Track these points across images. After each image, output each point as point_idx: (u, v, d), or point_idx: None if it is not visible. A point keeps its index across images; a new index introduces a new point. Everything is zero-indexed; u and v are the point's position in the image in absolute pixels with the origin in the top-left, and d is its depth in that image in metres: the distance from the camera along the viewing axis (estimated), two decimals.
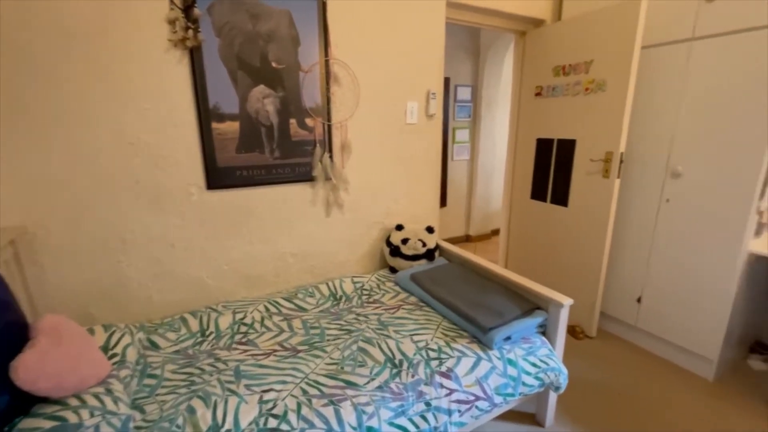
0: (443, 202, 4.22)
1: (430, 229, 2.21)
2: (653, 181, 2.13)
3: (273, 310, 1.78)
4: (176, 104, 1.58)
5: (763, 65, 1.66)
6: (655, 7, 1.99)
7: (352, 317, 1.75)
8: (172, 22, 1.48)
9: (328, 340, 1.57)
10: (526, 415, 1.80)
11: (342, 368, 1.38)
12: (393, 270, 2.19)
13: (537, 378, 1.48)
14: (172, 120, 1.58)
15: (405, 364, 1.39)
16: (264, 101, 1.74)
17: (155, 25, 1.47)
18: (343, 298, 1.95)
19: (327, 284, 1.99)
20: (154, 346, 1.51)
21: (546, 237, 2.66)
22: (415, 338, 1.54)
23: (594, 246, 2.31)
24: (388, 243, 2.18)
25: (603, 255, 2.27)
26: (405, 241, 2.13)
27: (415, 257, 2.13)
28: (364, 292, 1.99)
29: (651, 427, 1.73)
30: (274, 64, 1.72)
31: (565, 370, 1.55)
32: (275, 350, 1.50)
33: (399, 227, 2.19)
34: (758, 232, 1.87)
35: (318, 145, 1.91)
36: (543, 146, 2.61)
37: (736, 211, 1.81)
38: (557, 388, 1.56)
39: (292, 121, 1.83)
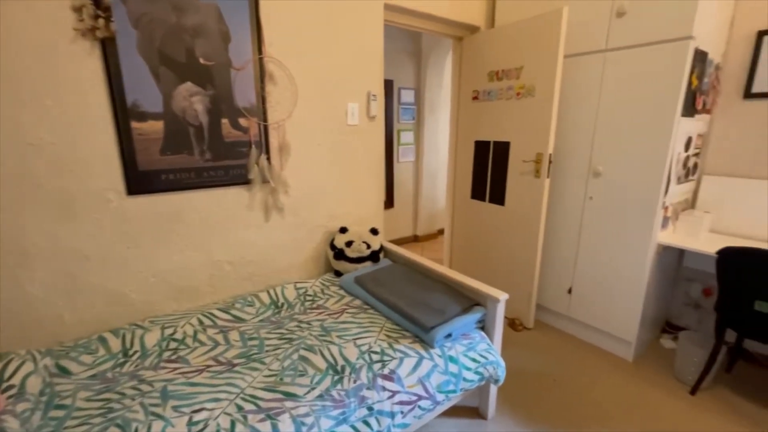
0: (390, 203, 4.26)
1: (374, 231, 2.21)
2: (578, 180, 2.30)
3: (207, 322, 1.67)
4: (86, 101, 1.42)
5: (666, 75, 1.86)
6: (575, 20, 2.16)
7: (294, 325, 1.69)
8: (78, 9, 1.33)
9: (267, 351, 1.50)
10: (470, 409, 1.85)
11: (281, 379, 1.32)
12: (338, 273, 2.15)
13: (477, 373, 1.52)
14: (82, 118, 1.42)
15: (347, 370, 1.36)
16: (192, 99, 1.62)
17: (57, 11, 1.31)
18: (285, 306, 1.88)
19: (268, 292, 1.91)
20: (65, 372, 1.34)
21: (486, 235, 2.78)
22: (359, 342, 1.52)
23: (529, 242, 2.45)
24: (332, 246, 2.14)
25: (537, 250, 2.41)
26: (349, 243, 2.10)
27: (359, 260, 2.11)
28: (308, 298, 1.93)
29: (580, 407, 1.87)
30: (202, 61, 1.62)
31: (502, 363, 1.61)
32: (209, 366, 1.41)
33: (343, 230, 2.16)
34: (664, 225, 2.10)
35: (254, 146, 1.82)
36: (481, 148, 2.72)
37: (646, 206, 2.01)
38: (496, 381, 1.62)
39: (224, 120, 1.73)
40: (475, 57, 2.65)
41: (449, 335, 1.53)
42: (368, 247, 2.12)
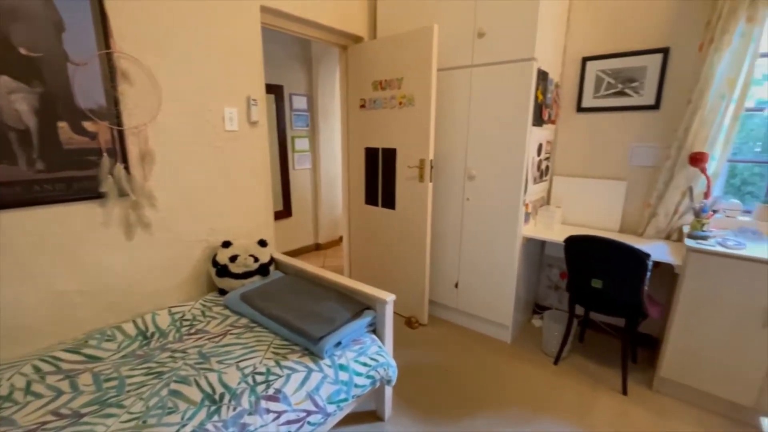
0: (288, 212, 4.11)
1: (262, 243, 2.09)
2: (457, 183, 2.51)
3: (48, 368, 1.37)
4: None
5: (518, 90, 2.14)
6: (445, 36, 2.36)
7: (167, 356, 1.49)
8: None
9: (128, 392, 1.29)
10: (367, 413, 1.86)
11: (144, 422, 1.14)
12: (222, 292, 1.98)
13: (368, 377, 1.53)
14: None
15: (227, 398, 1.24)
16: (10, 98, 1.33)
17: None
18: (157, 335, 1.65)
19: (134, 321, 1.66)
20: None
21: (382, 239, 2.85)
22: (242, 364, 1.41)
23: (419, 243, 2.58)
24: (214, 263, 1.96)
25: (425, 250, 2.56)
26: (234, 258, 1.95)
27: (246, 275, 1.97)
28: (185, 323, 1.73)
29: (468, 391, 2.02)
30: (23, 51, 1.33)
31: (393, 363, 1.66)
32: (45, 423, 1.15)
33: (226, 244, 2.00)
34: (527, 220, 2.41)
35: (105, 154, 1.57)
36: (371, 155, 2.80)
37: (511, 204, 2.28)
38: (389, 382, 1.65)
39: (62, 124, 1.45)
40: (360, 66, 2.72)
41: (339, 343, 1.51)
42: (256, 260, 2.00)
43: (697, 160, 1.96)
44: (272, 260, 2.11)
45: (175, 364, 1.42)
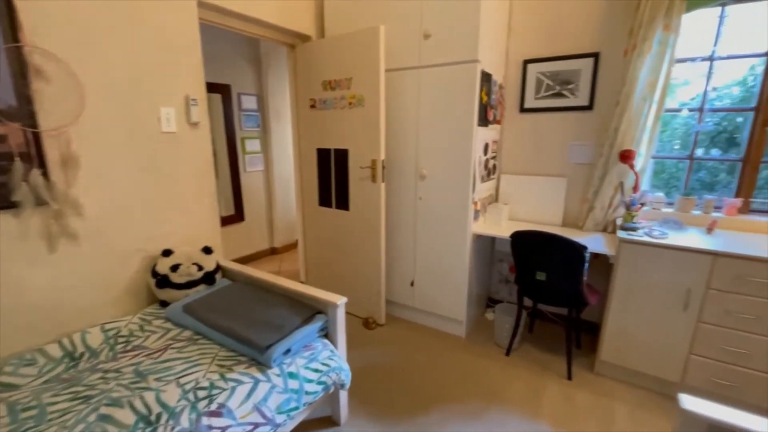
0: (240, 216, 3.96)
1: (207, 250, 1.99)
2: (409, 183, 2.54)
3: None
4: None
5: (463, 91, 2.19)
6: (393, 37, 2.37)
7: (97, 377, 1.37)
8: None
9: (50, 421, 1.17)
10: (322, 419, 1.83)
11: None
12: (164, 304, 1.86)
13: (320, 383, 1.50)
14: None
15: (164, 417, 1.16)
16: None
17: None
18: (86, 355, 1.52)
19: (59, 342, 1.52)
20: None
21: (337, 240, 2.82)
22: (183, 380, 1.32)
23: (374, 243, 2.58)
24: (154, 273, 1.84)
25: (381, 250, 2.56)
26: (175, 267, 1.84)
27: (190, 284, 1.87)
28: (120, 340, 1.60)
29: (425, 389, 2.04)
30: None
31: (346, 367, 1.64)
32: None
33: (167, 252, 1.88)
34: (476, 217, 2.48)
35: (18, 159, 1.41)
36: (323, 156, 2.75)
37: (461, 203, 2.34)
38: (342, 386, 1.63)
39: None
40: (309, 66, 2.67)
41: (288, 351, 1.46)
42: (200, 268, 1.90)
43: (626, 157, 2.12)
44: (218, 268, 2.01)
45: (107, 386, 1.31)
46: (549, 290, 2.11)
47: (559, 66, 2.40)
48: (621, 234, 1.98)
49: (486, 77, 2.26)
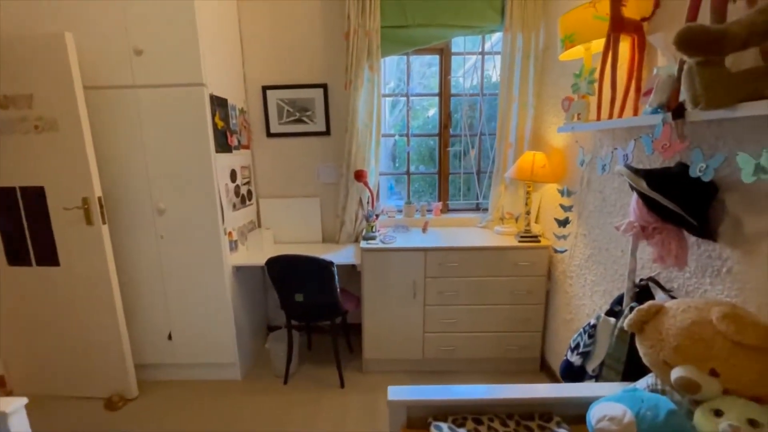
0: None
1: None
2: (145, 220, 2.14)
3: None
4: None
5: (192, 116, 2.00)
6: (93, 49, 1.94)
7: None
8: None
9: None
10: None
11: None
12: None
13: None
14: None
15: None
16: None
17: None
18: None
19: None
20: None
21: (46, 309, 2.10)
22: None
23: (104, 302, 2.04)
24: None
25: (116, 308, 2.05)
26: None
27: None
28: None
29: None
30: None
31: None
32: None
33: None
34: (234, 248, 2.33)
35: None
36: (4, 197, 2.00)
37: (211, 235, 2.14)
38: None
39: None
40: None
41: None
42: None
43: (359, 176, 2.42)
44: None
45: None
46: (310, 308, 2.18)
47: (295, 94, 2.54)
48: (363, 244, 2.25)
49: (220, 102, 2.15)
